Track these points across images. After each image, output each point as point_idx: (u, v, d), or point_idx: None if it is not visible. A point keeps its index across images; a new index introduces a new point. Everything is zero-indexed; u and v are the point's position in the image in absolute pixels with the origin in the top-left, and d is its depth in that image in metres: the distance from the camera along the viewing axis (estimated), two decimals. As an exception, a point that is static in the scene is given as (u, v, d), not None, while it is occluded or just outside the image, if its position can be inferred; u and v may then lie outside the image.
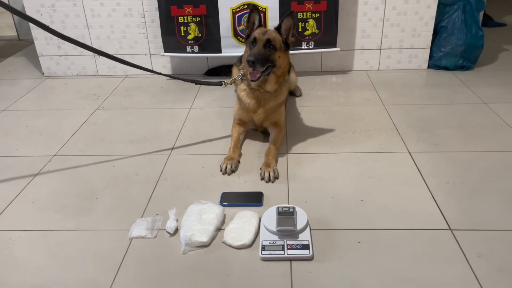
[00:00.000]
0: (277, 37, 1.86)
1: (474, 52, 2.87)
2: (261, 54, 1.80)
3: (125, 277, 1.31)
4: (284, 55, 1.88)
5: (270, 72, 1.86)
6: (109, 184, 1.78)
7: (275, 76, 1.89)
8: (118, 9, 2.85)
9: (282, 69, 1.91)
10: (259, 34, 1.85)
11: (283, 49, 1.88)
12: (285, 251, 1.35)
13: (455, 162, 1.85)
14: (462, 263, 1.31)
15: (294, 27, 1.88)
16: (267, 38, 1.83)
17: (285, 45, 1.90)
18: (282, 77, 1.94)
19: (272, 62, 1.84)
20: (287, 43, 1.90)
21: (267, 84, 1.90)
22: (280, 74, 1.91)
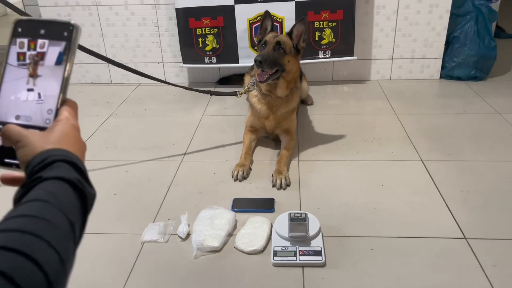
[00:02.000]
0: (288, 41, 1.87)
1: (487, 63, 2.86)
2: (269, 56, 1.81)
3: (137, 281, 1.31)
4: (294, 60, 1.89)
5: (279, 77, 1.87)
6: (122, 189, 1.79)
7: (285, 81, 1.90)
8: (133, 18, 2.89)
9: (292, 74, 1.91)
10: (270, 38, 1.87)
11: (293, 54, 1.89)
12: (297, 257, 1.34)
13: (468, 171, 1.83)
14: (477, 272, 1.29)
15: (305, 33, 1.89)
16: (276, 41, 1.85)
17: (296, 50, 1.90)
18: (293, 83, 1.95)
19: (281, 66, 1.85)
20: (298, 48, 1.91)
21: (278, 89, 1.91)
22: (290, 80, 1.92)
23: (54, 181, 0.51)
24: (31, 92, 0.60)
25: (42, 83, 0.60)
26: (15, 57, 0.61)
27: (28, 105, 0.60)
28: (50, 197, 0.49)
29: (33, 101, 0.60)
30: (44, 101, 0.60)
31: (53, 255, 0.43)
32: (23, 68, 0.61)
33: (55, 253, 0.44)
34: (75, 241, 0.51)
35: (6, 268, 0.38)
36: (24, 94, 0.60)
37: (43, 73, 0.60)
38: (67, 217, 0.49)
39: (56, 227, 0.47)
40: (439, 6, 2.75)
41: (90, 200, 0.55)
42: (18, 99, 0.60)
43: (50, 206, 0.48)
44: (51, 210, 0.48)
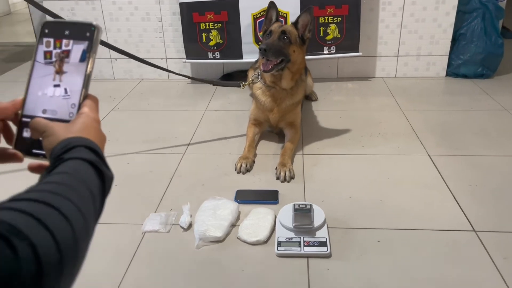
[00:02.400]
0: (293, 31, 1.85)
1: (493, 60, 2.83)
2: (274, 45, 1.78)
3: (137, 270, 1.27)
4: (299, 50, 1.86)
5: (284, 67, 1.83)
6: (123, 180, 1.75)
7: (290, 72, 1.87)
8: (136, 13, 2.87)
9: (298, 66, 1.88)
10: (275, 27, 1.85)
11: (298, 44, 1.86)
12: (301, 247, 1.31)
13: (477, 166, 1.79)
14: (487, 264, 1.25)
15: (311, 23, 1.86)
16: (282, 30, 1.82)
17: (301, 40, 1.88)
18: (298, 75, 1.92)
19: (286, 55, 1.81)
20: (303, 38, 1.88)
21: (283, 80, 1.88)
22: (295, 71, 1.88)
23: (75, 160, 0.54)
24: (58, 88, 0.65)
25: (68, 79, 0.65)
26: (42, 55, 0.65)
27: (54, 100, 0.65)
28: (73, 171, 0.53)
29: (59, 96, 0.65)
30: (70, 96, 0.64)
31: (67, 227, 0.45)
32: (49, 65, 0.65)
33: (70, 226, 0.45)
34: (96, 215, 0.53)
35: (24, 227, 0.40)
36: (51, 90, 0.65)
37: (68, 69, 0.65)
38: (89, 188, 0.52)
39: (78, 192, 0.50)
40: (445, 3, 2.72)
41: (108, 182, 0.58)
42: (46, 95, 0.65)
43: (72, 177, 0.52)
44: (73, 180, 0.51)
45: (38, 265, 0.38)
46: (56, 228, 0.42)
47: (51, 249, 0.41)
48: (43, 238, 0.40)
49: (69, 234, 0.44)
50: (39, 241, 0.40)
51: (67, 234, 0.43)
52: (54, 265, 0.40)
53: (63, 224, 0.44)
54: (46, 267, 0.39)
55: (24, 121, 0.65)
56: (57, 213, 0.44)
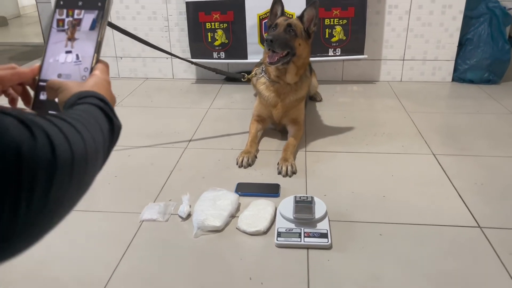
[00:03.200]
0: (299, 24, 1.84)
1: (500, 66, 2.80)
2: (280, 37, 1.77)
3: (133, 257, 1.25)
4: (304, 44, 1.85)
5: (290, 61, 1.82)
6: (123, 171, 1.74)
7: (295, 66, 1.85)
8: (143, 12, 2.89)
9: (303, 60, 1.87)
10: (281, 20, 1.84)
11: (304, 37, 1.84)
12: (302, 238, 1.28)
13: (483, 165, 1.76)
14: (493, 259, 1.21)
15: (316, 17, 1.85)
16: (288, 23, 1.81)
17: (307, 34, 1.86)
18: (303, 70, 1.90)
19: (291, 48, 1.80)
20: (309, 32, 1.87)
21: (288, 74, 1.87)
22: (300, 65, 1.87)
23: (87, 105, 0.58)
24: (69, 54, 0.69)
25: (79, 46, 0.69)
26: (56, 23, 0.70)
27: (66, 66, 0.69)
28: (86, 111, 0.56)
29: (71, 62, 0.69)
30: (82, 62, 0.68)
31: (81, 142, 0.46)
32: (62, 32, 0.69)
33: (83, 143, 0.47)
34: (104, 155, 0.55)
35: (43, 124, 0.41)
36: (63, 56, 0.69)
37: (79, 37, 0.69)
38: (100, 127, 0.54)
39: (91, 125, 0.52)
40: (452, 7, 2.72)
41: (117, 130, 0.60)
42: (58, 61, 0.69)
43: (86, 114, 0.54)
44: (87, 116, 0.54)
45: (52, 154, 0.40)
46: (72, 138, 0.44)
47: (65, 148, 0.42)
48: (59, 138, 0.42)
49: (82, 148, 0.46)
50: (56, 137, 0.41)
51: (80, 147, 0.45)
52: (66, 162, 0.42)
53: (78, 139, 0.46)
54: (59, 159, 0.40)
55: (40, 85, 0.69)
56: (74, 130, 0.46)
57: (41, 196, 0.38)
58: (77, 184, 0.45)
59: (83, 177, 0.46)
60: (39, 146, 0.38)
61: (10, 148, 0.35)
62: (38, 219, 0.39)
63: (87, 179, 0.48)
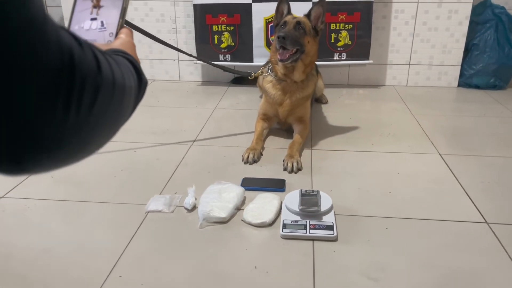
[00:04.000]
0: (307, 22, 1.86)
1: (507, 72, 2.80)
2: (291, 34, 1.78)
3: (138, 246, 1.24)
4: (313, 41, 1.86)
5: (298, 59, 1.83)
6: (129, 166, 1.74)
7: (303, 64, 1.86)
8: (151, 14, 2.92)
9: (311, 58, 1.88)
10: (289, 18, 1.86)
11: (312, 35, 1.86)
12: (307, 230, 1.27)
13: (489, 165, 1.76)
14: (500, 254, 1.20)
15: (323, 15, 1.87)
16: (297, 21, 1.83)
17: (315, 32, 1.88)
18: (310, 68, 1.91)
19: (301, 45, 1.81)
20: (317, 30, 1.89)
21: (295, 72, 1.87)
22: (308, 63, 1.88)
23: (117, 56, 0.56)
24: (94, 21, 0.70)
25: (104, 12, 0.71)
26: None
27: (92, 33, 0.70)
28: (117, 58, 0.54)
29: (96, 29, 0.70)
30: (106, 28, 0.70)
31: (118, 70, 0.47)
32: (88, 0, 0.71)
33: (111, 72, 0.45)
34: (134, 99, 0.55)
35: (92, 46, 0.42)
36: (88, 23, 0.71)
37: (104, 4, 0.71)
38: (130, 70, 0.54)
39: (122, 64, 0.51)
40: (458, 12, 2.73)
41: (144, 83, 0.60)
42: (83, 28, 0.71)
43: (117, 58, 0.52)
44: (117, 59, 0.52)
45: (98, 69, 0.40)
46: (113, 65, 0.45)
47: (108, 69, 0.43)
48: (103, 59, 0.42)
49: (121, 77, 0.46)
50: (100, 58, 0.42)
51: (119, 76, 0.46)
52: (109, 82, 0.42)
53: (117, 68, 0.46)
54: (104, 76, 0.41)
55: None
56: (113, 61, 0.47)
57: (88, 106, 0.39)
58: (115, 110, 0.46)
59: (120, 106, 0.47)
60: (87, 58, 0.39)
61: (66, 50, 0.36)
62: (83, 130, 0.40)
63: (122, 112, 0.49)
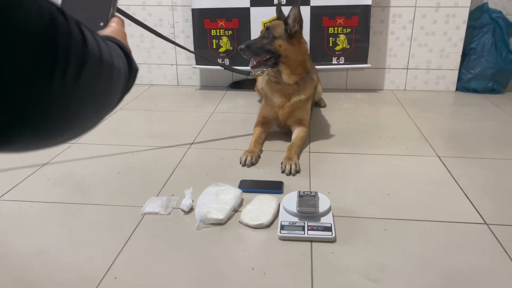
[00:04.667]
0: (278, 26, 1.85)
1: (504, 76, 2.81)
2: (254, 43, 1.82)
3: (134, 247, 1.23)
4: (286, 44, 1.84)
5: (278, 63, 1.84)
6: (126, 168, 1.73)
7: (287, 66, 1.86)
8: (149, 19, 2.92)
9: (293, 59, 1.86)
10: (265, 27, 1.88)
11: (284, 38, 1.84)
12: (305, 231, 1.26)
13: (488, 167, 1.75)
14: (500, 254, 1.19)
15: (298, 16, 1.84)
16: (266, 27, 1.86)
17: (288, 34, 1.85)
18: (300, 69, 1.90)
19: (272, 52, 1.82)
20: (291, 32, 1.85)
21: (283, 75, 1.89)
22: (291, 64, 1.86)
23: (108, 41, 0.55)
24: (84, 11, 0.70)
25: (94, 2, 0.71)
26: None
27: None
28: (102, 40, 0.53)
29: (85, 19, 0.68)
30: (97, 19, 0.69)
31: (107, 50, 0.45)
32: None
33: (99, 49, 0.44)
34: (124, 83, 0.53)
35: (78, 21, 0.40)
36: (78, 12, 0.69)
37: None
38: (119, 54, 0.53)
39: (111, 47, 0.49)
40: (456, 17, 2.74)
41: (135, 70, 0.58)
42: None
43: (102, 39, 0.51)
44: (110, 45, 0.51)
45: (84, 43, 0.39)
46: (100, 43, 0.43)
47: (94, 45, 0.41)
48: (89, 35, 0.41)
49: (109, 56, 0.45)
50: (86, 33, 0.40)
51: (107, 54, 0.44)
52: (95, 57, 0.41)
53: (105, 47, 0.45)
54: (90, 50, 0.40)
55: None
56: (102, 40, 0.45)
57: (74, 76, 0.37)
58: (104, 88, 0.45)
59: (109, 86, 0.46)
60: (72, 30, 0.38)
61: (46, 12, 0.34)
62: (70, 104, 0.39)
63: (112, 93, 0.48)
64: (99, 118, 0.47)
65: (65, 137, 0.42)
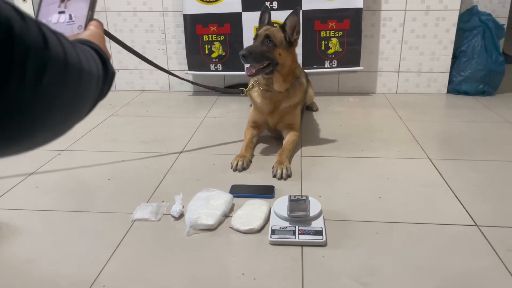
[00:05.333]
0: (278, 34, 1.81)
1: (495, 78, 2.82)
2: (255, 49, 1.76)
3: (124, 254, 1.22)
4: (285, 53, 1.82)
5: (273, 71, 1.81)
6: (116, 175, 1.72)
7: (281, 75, 1.84)
8: (140, 24, 2.92)
9: (288, 68, 1.85)
10: (260, 32, 1.83)
11: (284, 46, 1.82)
12: (296, 235, 1.25)
13: (479, 169, 1.75)
14: (491, 256, 1.19)
15: (298, 24, 1.84)
16: (265, 34, 1.79)
17: (289, 43, 1.84)
18: (291, 77, 1.89)
19: (271, 59, 1.79)
20: (291, 41, 1.85)
21: (275, 83, 1.86)
22: (285, 73, 1.85)
23: (81, 45, 0.55)
24: (62, 14, 0.70)
25: (72, 5, 0.70)
26: None
27: (60, 26, 0.69)
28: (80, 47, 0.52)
29: (64, 23, 0.69)
30: (75, 21, 0.69)
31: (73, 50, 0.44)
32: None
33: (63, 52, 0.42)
34: (98, 87, 0.52)
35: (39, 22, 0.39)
36: (56, 16, 0.70)
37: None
38: (92, 57, 0.52)
39: (83, 50, 0.49)
40: (446, 20, 2.75)
41: (111, 74, 0.58)
42: (50, 22, 0.70)
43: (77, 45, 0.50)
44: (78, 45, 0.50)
45: (45, 44, 0.38)
46: (65, 43, 0.42)
47: (58, 46, 0.40)
48: (51, 35, 0.40)
49: (76, 57, 0.44)
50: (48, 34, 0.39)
51: (73, 55, 0.43)
52: (59, 58, 0.40)
53: (71, 48, 0.43)
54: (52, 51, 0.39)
55: None
56: (67, 41, 0.44)
57: (33, 79, 0.36)
58: (72, 91, 0.44)
59: (78, 89, 0.45)
60: (31, 32, 0.36)
61: (3, 20, 0.33)
62: (33, 106, 0.37)
63: (82, 97, 0.47)
64: (69, 124, 0.46)
65: (32, 143, 0.41)
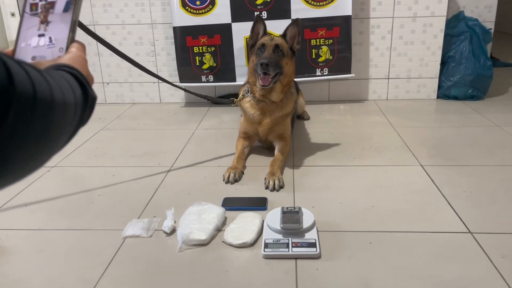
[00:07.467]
0: (284, 44, 1.84)
1: (483, 82, 2.84)
2: (273, 59, 1.77)
3: (115, 273, 1.20)
4: (290, 62, 1.86)
5: (277, 80, 1.82)
6: (107, 190, 1.70)
7: (281, 84, 1.85)
8: (129, 37, 2.91)
9: (288, 78, 1.87)
10: (267, 41, 1.84)
11: (289, 56, 1.85)
12: (289, 248, 1.24)
13: (470, 174, 1.75)
14: (485, 263, 1.18)
15: (299, 35, 1.86)
16: (275, 44, 1.81)
17: (291, 52, 1.87)
18: (288, 87, 1.90)
19: (280, 68, 1.80)
20: (293, 50, 1.88)
21: (273, 93, 1.86)
22: (286, 83, 1.87)
23: (59, 71, 0.56)
24: (42, 37, 0.68)
25: (52, 28, 0.68)
26: (29, 7, 0.69)
27: (40, 49, 0.68)
28: (55, 72, 0.53)
29: (44, 46, 0.67)
30: (55, 44, 0.67)
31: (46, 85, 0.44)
32: (35, 16, 0.68)
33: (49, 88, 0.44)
34: (76, 115, 0.52)
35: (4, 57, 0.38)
36: (36, 39, 0.68)
37: (53, 19, 0.68)
38: (71, 86, 0.52)
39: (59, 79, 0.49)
40: (433, 26, 2.78)
41: (91, 99, 0.57)
42: (30, 45, 0.68)
43: (53, 73, 0.51)
44: (54, 73, 0.50)
45: (9, 80, 0.37)
46: (35, 77, 0.42)
47: (26, 81, 0.39)
48: (18, 70, 0.39)
49: (47, 90, 0.43)
50: (14, 69, 0.38)
51: (44, 88, 0.42)
52: (27, 94, 0.39)
53: (42, 81, 0.43)
54: (18, 88, 0.37)
55: None
56: (38, 73, 0.44)
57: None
58: (43, 126, 0.42)
59: (50, 123, 0.44)
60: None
61: None
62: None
63: (55, 129, 0.45)
64: (43, 159, 0.45)
65: (14, 169, 0.40)
